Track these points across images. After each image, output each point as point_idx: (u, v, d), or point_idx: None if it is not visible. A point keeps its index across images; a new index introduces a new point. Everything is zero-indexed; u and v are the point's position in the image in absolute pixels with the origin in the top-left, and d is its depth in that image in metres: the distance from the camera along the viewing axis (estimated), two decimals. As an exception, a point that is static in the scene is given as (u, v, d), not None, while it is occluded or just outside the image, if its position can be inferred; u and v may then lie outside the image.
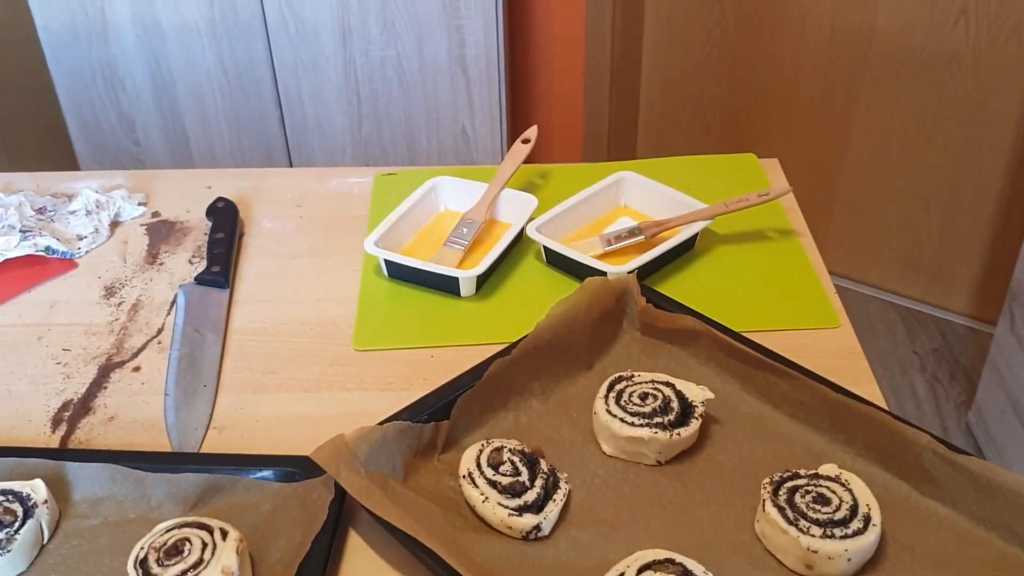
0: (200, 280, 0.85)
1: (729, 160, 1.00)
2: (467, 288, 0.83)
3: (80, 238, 0.92)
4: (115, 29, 1.83)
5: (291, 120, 1.91)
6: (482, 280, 0.84)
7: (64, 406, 0.75)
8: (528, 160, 0.95)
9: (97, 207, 0.94)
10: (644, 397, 0.67)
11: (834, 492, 0.60)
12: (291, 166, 1.96)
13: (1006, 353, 1.68)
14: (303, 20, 1.79)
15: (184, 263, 0.89)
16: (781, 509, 0.59)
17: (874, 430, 0.64)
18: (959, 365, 1.98)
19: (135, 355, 0.79)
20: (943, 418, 1.85)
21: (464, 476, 0.62)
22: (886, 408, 0.66)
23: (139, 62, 1.87)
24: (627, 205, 0.94)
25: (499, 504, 0.60)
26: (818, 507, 0.59)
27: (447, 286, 0.84)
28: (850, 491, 0.60)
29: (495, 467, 0.62)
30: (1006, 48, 1.81)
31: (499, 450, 0.63)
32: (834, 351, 0.77)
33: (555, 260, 0.86)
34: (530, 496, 0.61)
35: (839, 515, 0.59)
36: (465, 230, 0.88)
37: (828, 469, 0.62)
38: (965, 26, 1.81)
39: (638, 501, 0.64)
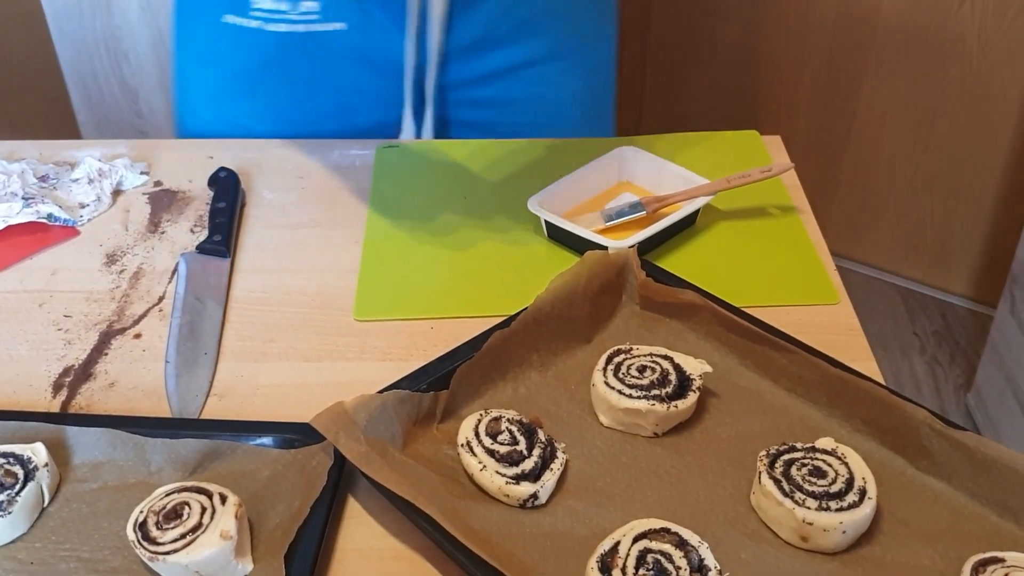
0: (202, 249, 0.85)
1: (731, 137, 1.00)
2: None
3: (82, 206, 0.92)
4: (119, 1, 1.83)
5: (294, 94, 1.90)
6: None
7: (65, 372, 0.75)
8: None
9: (99, 175, 0.94)
10: (642, 370, 0.67)
11: (830, 465, 0.60)
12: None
13: (1006, 335, 1.68)
14: (307, -7, 1.78)
15: (186, 232, 0.89)
16: (777, 481, 0.59)
17: (871, 405, 0.65)
18: (959, 347, 1.98)
19: (136, 322, 0.80)
20: (942, 400, 1.86)
21: (462, 445, 0.63)
22: (884, 384, 0.67)
23: (142, 34, 1.86)
24: (629, 180, 0.94)
25: (497, 472, 0.61)
26: (814, 480, 0.59)
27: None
28: (846, 464, 0.60)
29: (493, 436, 0.63)
30: (1012, 30, 1.80)
31: (497, 420, 0.64)
32: (833, 327, 0.77)
33: (556, 234, 0.86)
34: (527, 465, 0.61)
35: (835, 488, 0.59)
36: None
37: (825, 443, 0.62)
38: (971, 7, 1.80)
39: (635, 472, 0.64)
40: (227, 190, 0.91)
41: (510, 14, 0.97)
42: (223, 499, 0.59)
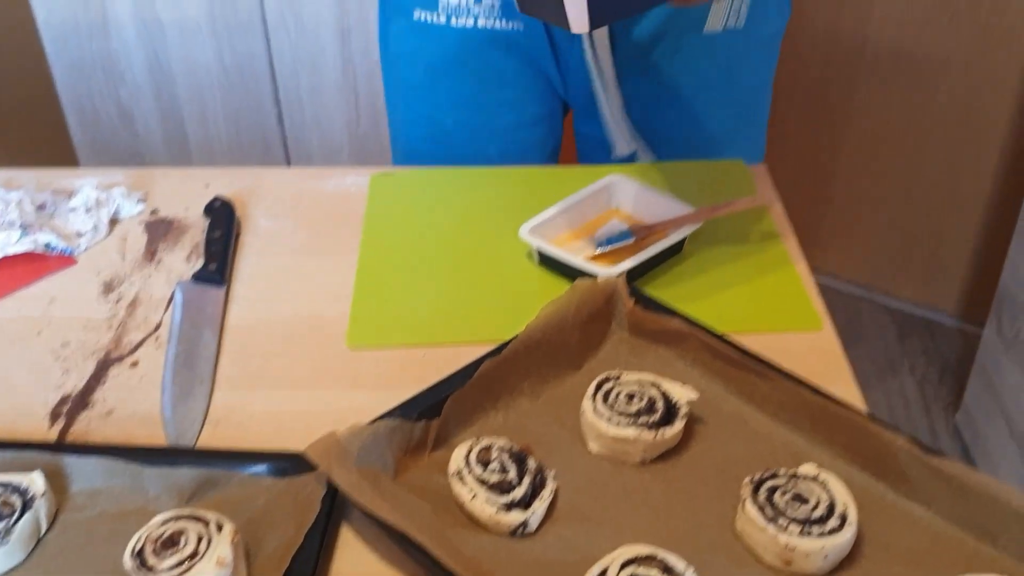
0: (197, 277, 0.87)
1: (718, 165, 1.02)
2: None
3: (80, 235, 0.93)
4: (115, 24, 1.85)
5: (289, 117, 1.93)
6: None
7: (63, 400, 0.76)
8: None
9: (97, 204, 0.96)
10: (630, 397, 0.69)
11: (812, 491, 0.62)
12: (288, 161, 1.97)
13: (993, 355, 1.69)
14: (303, 19, 1.80)
15: (182, 260, 0.91)
16: (760, 507, 0.61)
17: (852, 431, 0.66)
18: (948, 366, 2.00)
19: (133, 350, 0.81)
20: (931, 419, 1.87)
21: (453, 474, 0.64)
22: (864, 410, 0.68)
23: (139, 57, 1.88)
24: (619, 208, 0.95)
25: (487, 501, 0.62)
26: (796, 505, 0.61)
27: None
28: (828, 490, 0.62)
29: (484, 465, 0.64)
30: (997, 54, 1.83)
31: (488, 448, 0.65)
32: (817, 353, 0.79)
33: (547, 262, 0.88)
34: (517, 493, 0.62)
35: (816, 513, 0.60)
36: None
37: (807, 469, 0.64)
38: (957, 30, 1.83)
39: (623, 499, 0.65)
40: (222, 218, 0.93)
41: (652, 54, 1.02)
42: (219, 527, 0.61)
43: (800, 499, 0.61)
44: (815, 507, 0.61)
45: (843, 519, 0.60)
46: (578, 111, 1.11)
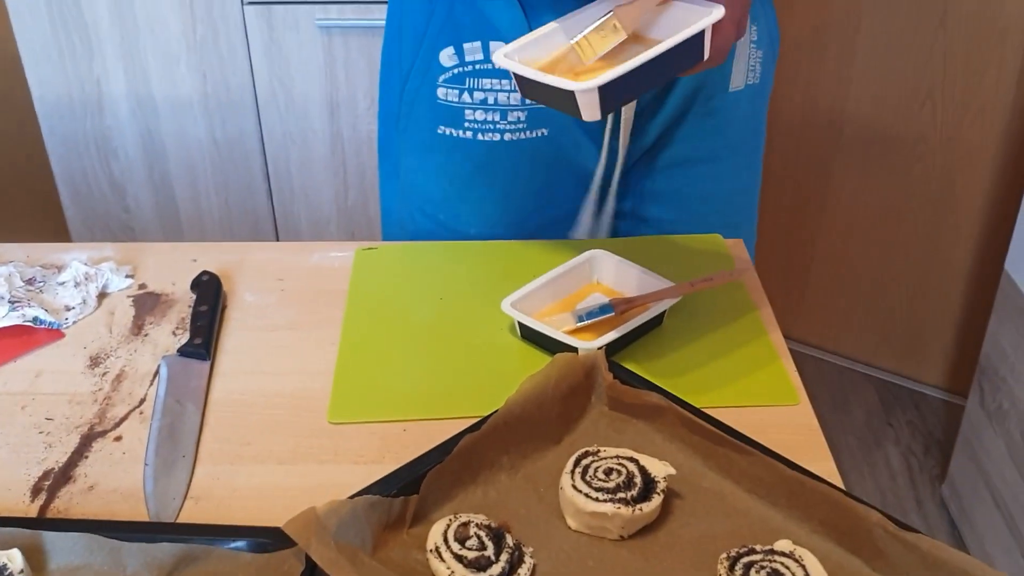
0: (182, 352, 0.88)
1: (696, 239, 1.04)
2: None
3: (68, 309, 0.94)
4: (110, 102, 1.88)
5: (278, 190, 1.95)
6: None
7: (45, 475, 0.76)
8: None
9: (86, 279, 0.97)
10: (608, 472, 0.69)
11: (787, 567, 0.62)
12: (277, 234, 2.00)
13: (976, 427, 1.70)
14: (293, 95, 1.84)
15: (168, 334, 0.92)
16: (736, 584, 0.61)
17: (828, 507, 0.67)
18: (933, 437, 2.00)
19: (117, 425, 0.81)
20: (917, 491, 1.87)
21: (431, 550, 0.64)
22: (840, 485, 0.69)
23: (132, 133, 1.92)
24: (599, 282, 0.97)
25: (464, 577, 0.62)
26: (772, 582, 0.61)
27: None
28: (803, 567, 0.62)
29: (461, 541, 0.64)
30: (971, 131, 1.88)
31: (466, 524, 0.65)
32: (793, 427, 0.80)
33: (529, 335, 0.89)
34: (495, 570, 0.63)
35: (792, 590, 0.61)
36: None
37: (783, 545, 0.64)
38: (932, 110, 1.88)
39: (600, 575, 0.66)
40: (209, 293, 0.94)
41: (685, 119, 1.05)
42: (196, 605, 0.61)
43: (775, 575, 0.62)
44: (791, 583, 0.61)
45: (818, 595, 0.60)
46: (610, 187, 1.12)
